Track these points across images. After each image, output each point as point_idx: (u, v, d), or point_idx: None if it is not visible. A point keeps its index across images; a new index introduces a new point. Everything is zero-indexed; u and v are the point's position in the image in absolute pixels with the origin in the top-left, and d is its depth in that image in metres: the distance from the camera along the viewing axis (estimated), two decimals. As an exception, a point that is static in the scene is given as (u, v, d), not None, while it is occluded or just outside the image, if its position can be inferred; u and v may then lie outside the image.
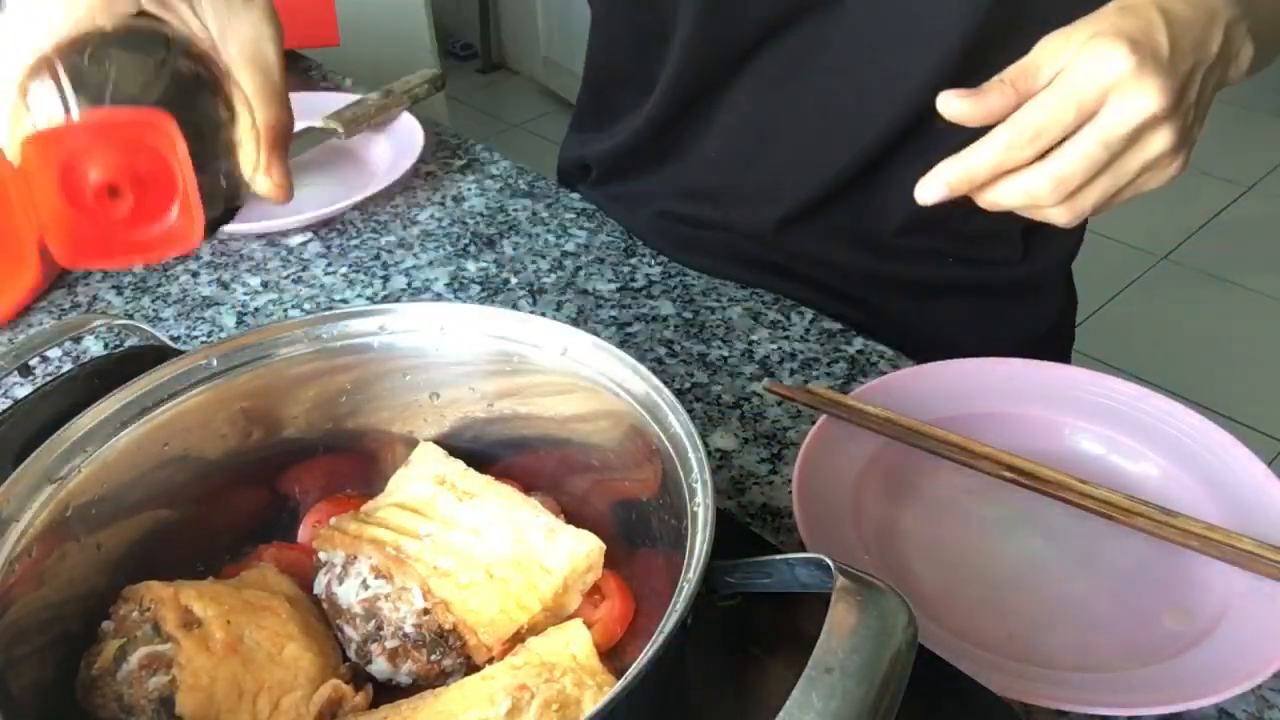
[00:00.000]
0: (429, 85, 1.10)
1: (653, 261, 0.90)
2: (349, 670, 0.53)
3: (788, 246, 0.88)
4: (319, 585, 0.55)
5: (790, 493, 0.63)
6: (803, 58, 0.80)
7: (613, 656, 0.53)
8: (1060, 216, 0.56)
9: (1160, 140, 0.54)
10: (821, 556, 0.42)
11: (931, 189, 0.56)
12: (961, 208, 0.57)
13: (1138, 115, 0.52)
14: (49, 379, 0.68)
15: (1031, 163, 0.54)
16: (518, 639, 0.51)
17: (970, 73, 0.62)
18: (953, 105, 0.55)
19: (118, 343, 0.82)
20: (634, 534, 0.55)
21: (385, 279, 0.89)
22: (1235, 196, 2.66)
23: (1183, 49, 0.54)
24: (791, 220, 0.87)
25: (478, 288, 0.88)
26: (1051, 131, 0.53)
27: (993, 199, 0.56)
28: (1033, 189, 0.54)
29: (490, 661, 0.51)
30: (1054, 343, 0.95)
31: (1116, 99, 0.52)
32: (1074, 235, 0.91)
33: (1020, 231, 0.88)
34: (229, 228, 0.93)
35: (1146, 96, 0.52)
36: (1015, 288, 0.91)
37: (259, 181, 0.53)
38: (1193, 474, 0.66)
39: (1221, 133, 3.08)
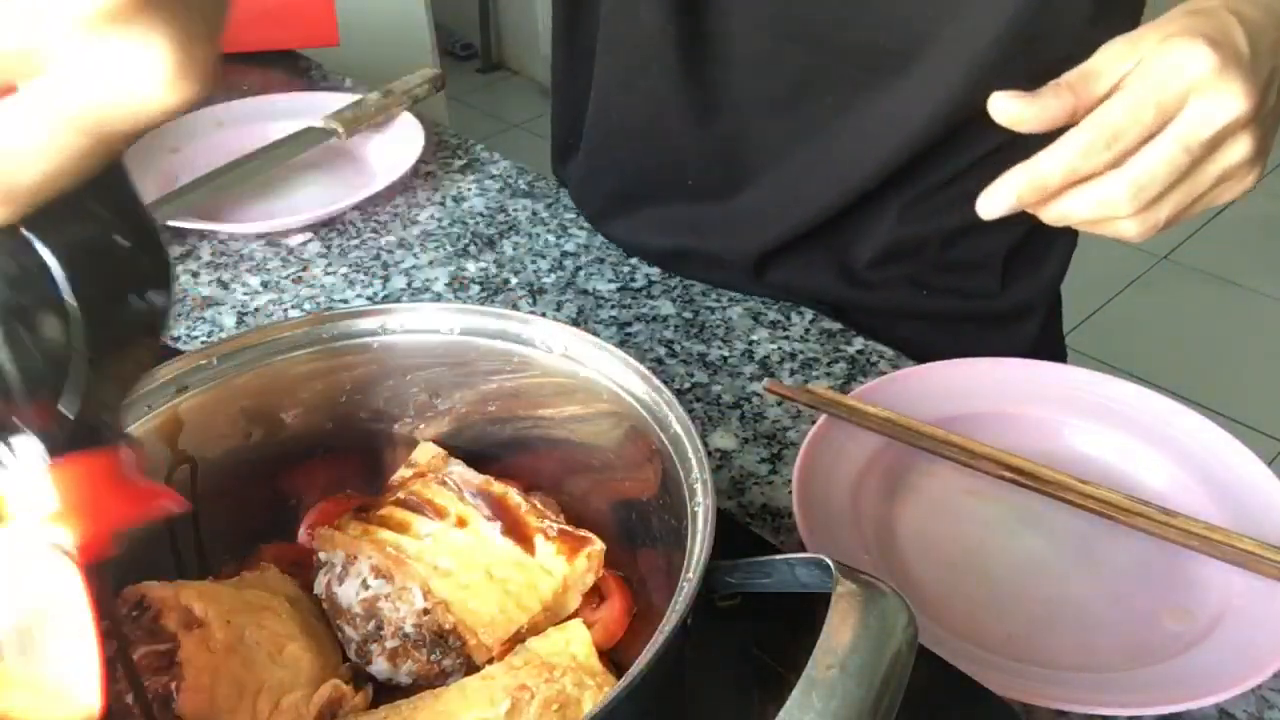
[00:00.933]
0: (429, 85, 1.10)
1: (652, 261, 0.90)
2: (349, 670, 0.53)
3: (768, 278, 0.86)
4: (319, 585, 0.55)
5: (790, 493, 0.63)
6: (794, 90, 0.78)
7: (613, 656, 0.53)
8: (1132, 229, 0.53)
9: (1241, 147, 0.51)
10: (821, 556, 0.42)
11: (998, 201, 0.52)
12: (939, 237, 0.54)
13: (1223, 117, 0.50)
14: (49, 379, 0.68)
15: (1104, 171, 0.51)
16: (518, 639, 0.51)
17: (971, 120, 0.59)
18: (1004, 106, 0.51)
19: (118, 343, 0.82)
20: (634, 534, 0.55)
21: (385, 279, 0.89)
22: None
23: (1261, 51, 0.51)
24: (772, 253, 0.84)
25: (478, 288, 0.88)
26: (1130, 134, 0.50)
27: (1062, 212, 0.53)
28: (1109, 197, 0.51)
29: (490, 661, 0.51)
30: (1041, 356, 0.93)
31: (1199, 100, 0.49)
32: (1059, 263, 0.88)
33: (1001, 261, 0.85)
34: (229, 227, 0.93)
35: (1232, 97, 0.49)
36: (996, 318, 0.88)
37: None
38: (1193, 474, 0.66)
39: (1221, 133, 3.09)
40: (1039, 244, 0.86)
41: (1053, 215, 0.53)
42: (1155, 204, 0.51)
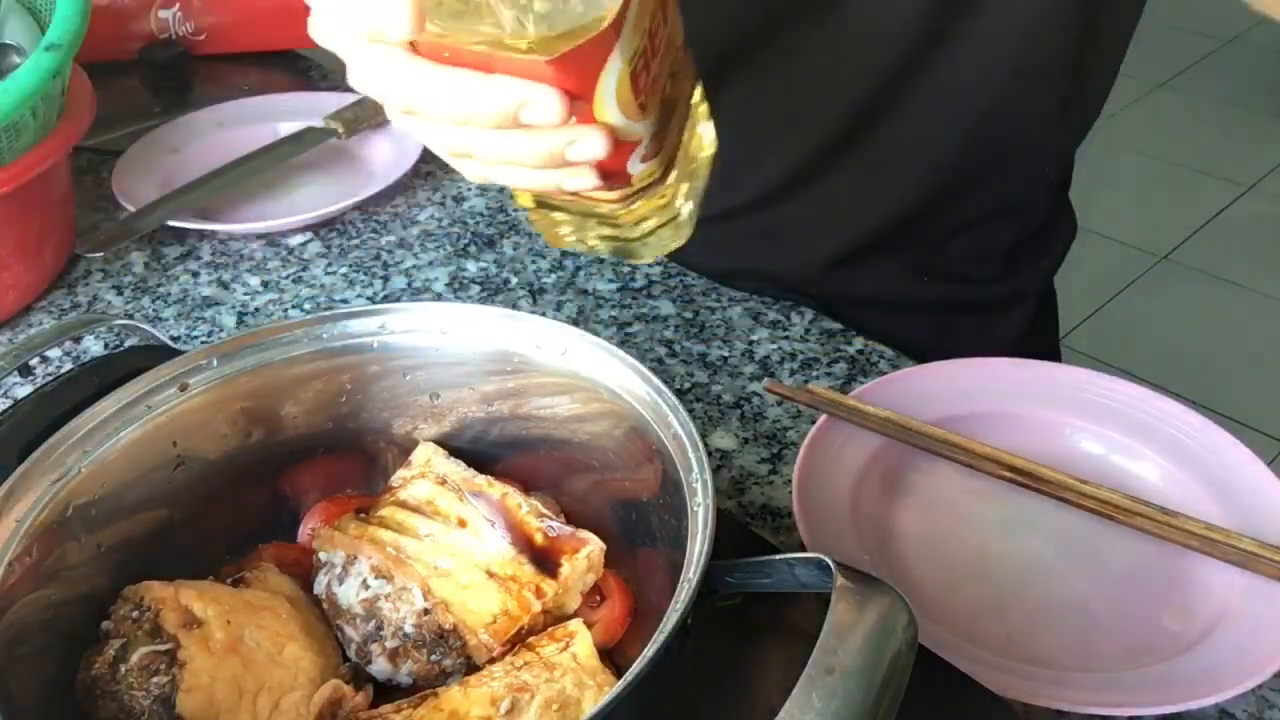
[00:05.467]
0: (429, 85, 1.10)
1: (652, 261, 0.90)
2: (349, 670, 0.53)
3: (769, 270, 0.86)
4: (319, 585, 0.55)
5: (790, 493, 0.63)
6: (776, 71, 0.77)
7: (613, 656, 0.53)
8: None
9: None
10: (821, 556, 0.42)
11: None
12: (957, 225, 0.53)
13: None
14: (49, 379, 0.68)
15: None
16: (518, 639, 0.51)
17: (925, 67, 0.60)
18: None
19: (118, 343, 0.82)
20: (634, 534, 0.55)
21: (385, 279, 0.89)
22: (1235, 196, 2.66)
23: None
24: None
25: (478, 288, 0.88)
26: None
27: None
28: None
29: (490, 661, 0.51)
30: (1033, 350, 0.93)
31: None
32: (1058, 255, 0.89)
33: (1006, 250, 0.85)
34: (229, 227, 0.93)
35: None
36: (990, 307, 0.88)
37: None
38: (1193, 474, 0.66)
39: (1221, 133, 3.09)
40: (1045, 234, 0.87)
41: None
42: None
